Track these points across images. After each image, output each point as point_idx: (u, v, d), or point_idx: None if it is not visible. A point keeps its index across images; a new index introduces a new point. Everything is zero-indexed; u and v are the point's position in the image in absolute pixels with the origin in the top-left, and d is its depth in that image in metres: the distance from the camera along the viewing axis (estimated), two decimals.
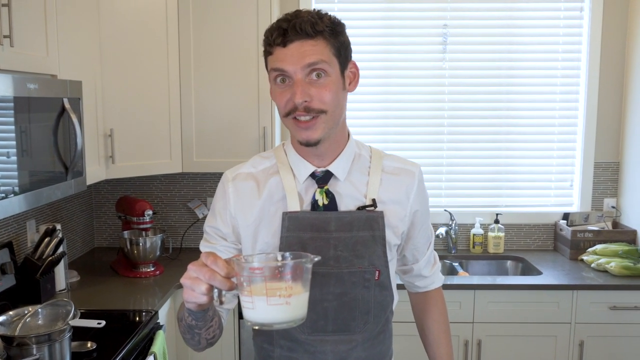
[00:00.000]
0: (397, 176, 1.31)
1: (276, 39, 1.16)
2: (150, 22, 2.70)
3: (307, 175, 1.27)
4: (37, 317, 1.75)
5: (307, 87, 1.15)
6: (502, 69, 3.19)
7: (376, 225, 1.25)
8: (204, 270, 0.97)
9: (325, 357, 1.26)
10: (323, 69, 1.16)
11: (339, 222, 1.24)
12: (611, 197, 3.23)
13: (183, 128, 2.84)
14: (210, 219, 1.32)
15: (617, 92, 3.16)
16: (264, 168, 1.31)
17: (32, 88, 1.82)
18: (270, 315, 0.96)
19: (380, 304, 1.29)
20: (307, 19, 1.16)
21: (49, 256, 2.32)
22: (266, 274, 0.95)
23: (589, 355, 2.71)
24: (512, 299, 2.68)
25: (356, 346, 1.27)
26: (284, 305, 0.96)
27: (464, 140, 3.25)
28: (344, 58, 1.22)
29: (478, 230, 3.18)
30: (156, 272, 2.75)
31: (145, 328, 2.14)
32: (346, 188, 1.27)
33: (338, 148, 1.27)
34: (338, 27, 1.20)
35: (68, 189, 2.05)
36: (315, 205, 1.25)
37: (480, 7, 3.14)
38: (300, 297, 0.98)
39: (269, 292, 0.95)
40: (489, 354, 2.72)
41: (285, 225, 1.23)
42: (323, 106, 1.17)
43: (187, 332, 1.19)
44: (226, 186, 1.31)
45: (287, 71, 1.16)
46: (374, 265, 1.25)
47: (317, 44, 1.16)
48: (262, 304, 0.95)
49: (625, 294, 2.67)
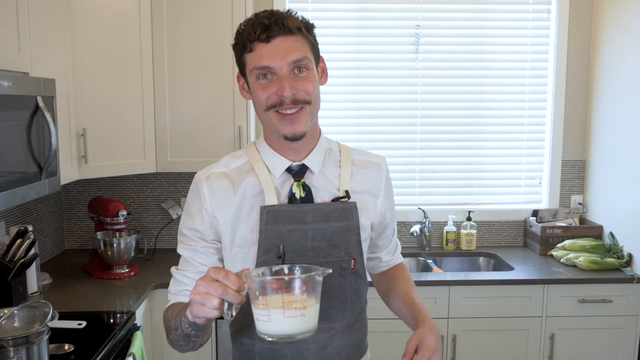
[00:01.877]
0: (366, 168, 1.37)
1: (260, 34, 1.17)
2: (124, 20, 2.66)
3: (283, 169, 1.29)
4: (13, 319, 1.71)
5: (292, 80, 1.19)
6: (473, 69, 3.25)
7: (350, 216, 1.29)
8: (215, 285, 0.98)
9: (307, 346, 1.28)
10: (305, 64, 1.20)
11: (316, 214, 1.26)
12: (578, 194, 3.33)
13: (157, 127, 2.81)
14: (187, 221, 1.31)
15: (582, 93, 3.25)
16: (236, 167, 1.32)
17: (5, 85, 1.77)
18: (287, 327, 0.99)
19: (356, 292, 1.32)
20: (286, 16, 1.20)
21: (20, 258, 2.26)
22: (282, 287, 0.98)
23: (559, 348, 2.79)
24: (486, 294, 2.74)
25: (336, 334, 1.30)
26: (299, 317, 0.99)
27: (437, 140, 3.30)
28: (317, 53, 1.27)
29: (451, 227, 3.24)
30: (131, 273, 2.71)
31: (122, 329, 2.11)
32: (320, 181, 1.31)
33: (312, 143, 1.31)
34: (310, 25, 1.26)
35: (42, 189, 2.01)
36: (293, 198, 1.28)
37: (451, 8, 3.20)
38: (313, 308, 1.01)
39: (285, 305, 0.97)
40: (464, 349, 2.77)
41: (264, 219, 1.24)
42: (308, 97, 1.21)
43: (181, 340, 1.20)
44: (200, 186, 1.30)
45: (272, 67, 1.18)
46: (350, 253, 1.29)
47: (298, 39, 1.20)
48: (278, 317, 0.98)
49: (593, 287, 2.76)
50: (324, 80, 1.31)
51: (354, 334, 1.34)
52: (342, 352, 1.32)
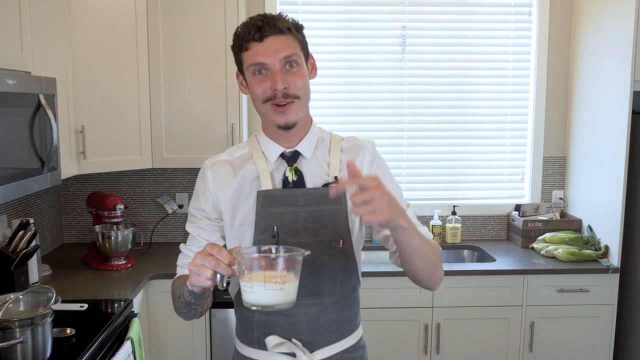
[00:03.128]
0: (352, 153, 1.48)
1: (254, 34, 1.32)
2: (121, 22, 2.77)
3: (277, 155, 1.43)
4: (19, 303, 1.81)
5: (284, 75, 1.33)
6: (458, 69, 3.37)
7: (339, 200, 1.41)
8: (209, 259, 1.12)
9: (299, 319, 1.41)
10: (295, 60, 1.35)
11: (307, 198, 1.39)
12: (559, 189, 3.46)
13: (153, 124, 2.92)
14: (195, 202, 1.47)
15: (562, 92, 3.38)
16: (239, 155, 1.47)
17: (10, 83, 1.88)
18: (267, 299, 1.12)
19: (346, 269, 1.44)
20: (277, 18, 1.35)
21: (22, 249, 2.36)
22: (264, 264, 1.11)
23: (539, 335, 2.91)
24: (468, 284, 2.86)
25: (326, 309, 1.42)
26: (278, 291, 1.12)
27: (423, 137, 3.42)
28: (306, 51, 1.41)
29: (436, 221, 3.36)
30: (128, 265, 2.82)
31: (121, 316, 2.22)
32: (312, 167, 1.44)
33: (304, 131, 1.45)
34: (299, 26, 1.40)
35: (44, 183, 2.12)
36: (286, 182, 1.41)
37: (437, 10, 3.32)
38: (292, 284, 1.14)
39: (266, 279, 1.11)
40: (448, 337, 2.89)
41: (260, 202, 1.38)
42: (298, 92, 1.35)
43: (183, 307, 1.33)
44: (205, 172, 1.46)
45: (266, 63, 1.32)
46: (339, 234, 1.41)
47: (288, 38, 1.34)
48: (260, 289, 1.11)
49: (571, 278, 2.88)
50: (313, 75, 1.45)
51: (344, 310, 1.46)
52: (333, 326, 1.44)
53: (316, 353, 1.42)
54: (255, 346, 1.45)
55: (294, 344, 1.40)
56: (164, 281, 2.71)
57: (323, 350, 1.43)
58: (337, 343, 1.45)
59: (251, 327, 1.45)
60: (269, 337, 1.41)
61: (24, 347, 1.70)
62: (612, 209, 2.93)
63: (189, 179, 3.25)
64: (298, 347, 1.40)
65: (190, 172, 3.25)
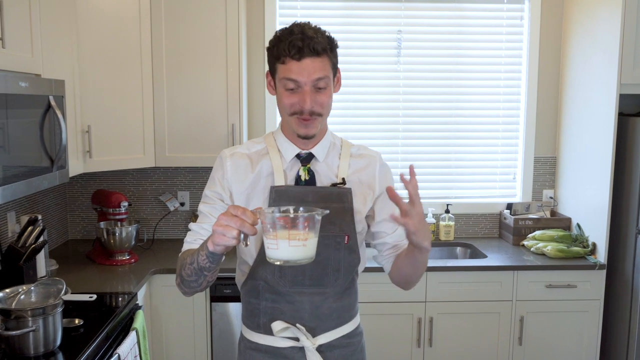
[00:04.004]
0: (362, 161, 1.60)
1: (294, 54, 1.41)
2: (125, 25, 2.87)
3: (293, 155, 1.55)
4: (31, 294, 1.92)
5: (313, 95, 1.44)
6: (452, 71, 3.48)
7: (346, 199, 1.53)
8: (234, 219, 1.21)
9: (303, 306, 1.53)
10: (326, 82, 1.46)
11: (316, 195, 1.51)
12: (549, 188, 3.56)
13: (156, 124, 3.02)
14: (210, 185, 1.57)
15: (553, 95, 3.49)
16: (256, 150, 1.58)
17: (23, 86, 1.98)
18: (291, 254, 1.24)
19: (349, 264, 1.55)
20: (316, 39, 1.43)
21: (31, 244, 2.46)
22: (288, 223, 1.23)
23: (528, 329, 3.01)
24: (460, 280, 2.96)
25: (328, 298, 1.54)
26: (301, 247, 1.24)
27: (418, 138, 3.53)
28: (336, 68, 1.52)
29: (430, 219, 3.46)
30: (131, 260, 2.92)
31: (126, 308, 2.32)
32: (323, 168, 1.56)
33: (320, 136, 1.57)
34: (334, 44, 1.50)
35: (53, 180, 2.22)
36: (299, 180, 1.53)
37: (431, 14, 3.43)
38: (313, 240, 1.26)
39: (291, 237, 1.22)
40: (441, 330, 2.99)
41: (273, 197, 1.50)
42: (322, 110, 1.47)
43: (193, 274, 1.39)
44: (224, 160, 1.56)
45: (299, 81, 1.43)
46: (344, 231, 1.52)
47: (323, 60, 1.45)
48: (284, 245, 1.23)
49: (559, 274, 2.99)
50: (337, 88, 1.56)
51: (344, 299, 1.58)
52: (334, 314, 1.56)
53: (318, 338, 1.54)
54: (261, 331, 1.57)
55: (298, 329, 1.52)
56: (167, 276, 2.81)
57: (324, 335, 1.56)
58: (337, 329, 1.58)
59: (257, 313, 1.56)
60: (274, 323, 1.53)
61: (36, 335, 1.80)
62: (600, 208, 3.03)
63: (190, 178, 3.35)
64: (302, 332, 1.52)
65: (191, 170, 3.35)
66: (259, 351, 1.57)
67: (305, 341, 1.52)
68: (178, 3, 2.96)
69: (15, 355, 1.81)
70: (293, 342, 1.53)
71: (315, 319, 1.54)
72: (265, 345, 1.56)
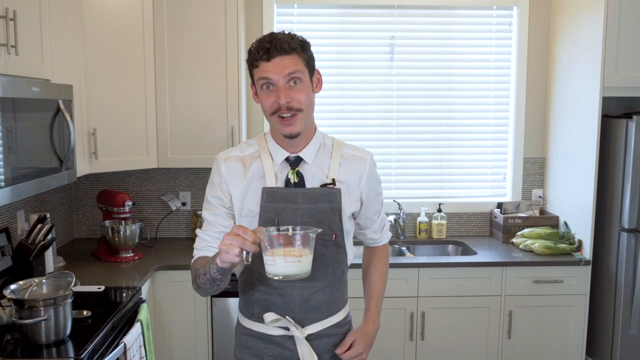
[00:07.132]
0: (353, 162, 1.68)
1: (262, 55, 1.51)
2: (129, 32, 3.00)
3: (282, 159, 1.63)
4: (42, 286, 2.04)
5: (287, 91, 1.52)
6: (443, 75, 3.61)
7: (334, 199, 1.62)
8: (237, 238, 1.33)
9: (294, 299, 1.63)
10: (298, 77, 1.53)
11: (305, 196, 1.60)
12: (538, 188, 3.68)
13: (158, 127, 3.14)
14: (211, 191, 1.67)
15: (541, 97, 3.61)
16: (249, 153, 1.67)
17: (35, 90, 2.10)
18: (287, 269, 1.37)
19: (337, 259, 1.67)
20: (284, 40, 1.52)
21: (40, 241, 2.58)
22: (284, 241, 1.36)
23: (516, 323, 3.13)
24: (451, 275, 3.08)
25: (317, 291, 1.65)
26: (296, 263, 1.37)
27: (411, 139, 3.65)
28: (312, 67, 1.59)
29: (423, 218, 3.58)
30: (135, 258, 3.04)
31: (130, 301, 2.44)
32: (312, 170, 1.64)
33: (307, 139, 1.64)
34: (306, 44, 1.57)
35: (62, 180, 2.34)
36: (288, 182, 1.62)
37: (423, 20, 3.56)
38: (307, 257, 1.39)
39: (286, 253, 1.36)
40: (432, 324, 3.11)
41: (264, 198, 1.60)
42: (300, 105, 1.54)
43: (207, 283, 1.52)
44: (220, 165, 1.66)
45: (272, 79, 1.52)
46: (332, 229, 1.62)
47: (293, 57, 1.53)
48: (281, 262, 1.36)
49: (546, 269, 3.10)
50: (318, 89, 1.62)
51: (333, 292, 1.69)
52: (322, 306, 1.66)
53: (307, 328, 1.65)
54: (255, 320, 1.68)
55: (288, 321, 1.62)
56: (169, 272, 2.93)
57: (313, 326, 1.66)
58: (325, 319, 1.68)
59: (252, 303, 1.68)
60: (266, 314, 1.63)
61: (47, 324, 1.92)
62: (585, 206, 3.15)
63: (191, 178, 3.47)
64: (291, 323, 1.62)
65: (192, 171, 3.48)
66: (253, 337, 1.69)
67: (294, 331, 1.62)
68: (179, 11, 3.08)
69: (29, 342, 1.93)
70: (284, 331, 1.64)
71: (305, 311, 1.64)
72: (259, 332, 1.67)
